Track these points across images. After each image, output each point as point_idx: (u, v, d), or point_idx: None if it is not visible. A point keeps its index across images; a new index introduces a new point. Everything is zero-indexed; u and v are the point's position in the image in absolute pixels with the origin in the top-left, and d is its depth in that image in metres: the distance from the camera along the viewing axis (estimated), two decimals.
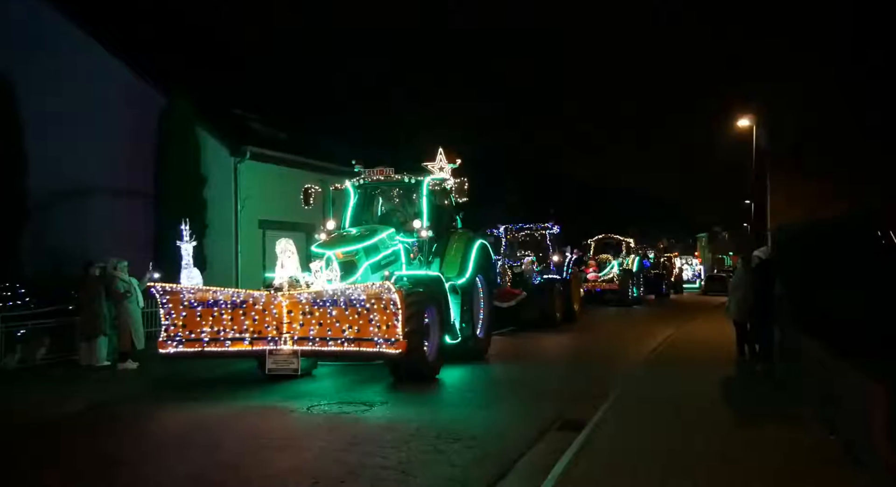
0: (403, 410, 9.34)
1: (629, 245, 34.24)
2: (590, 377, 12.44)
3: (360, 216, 13.51)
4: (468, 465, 6.88)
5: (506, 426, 8.62)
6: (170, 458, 7.38)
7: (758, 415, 9.02)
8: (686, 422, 8.44)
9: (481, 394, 10.70)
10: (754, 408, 9.58)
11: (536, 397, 10.50)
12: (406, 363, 10.40)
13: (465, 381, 11.73)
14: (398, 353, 9.52)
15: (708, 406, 9.41)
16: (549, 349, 17.37)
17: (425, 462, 6.97)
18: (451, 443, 7.63)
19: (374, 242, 11.86)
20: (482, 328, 14.40)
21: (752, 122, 31.96)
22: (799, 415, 8.70)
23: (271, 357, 9.89)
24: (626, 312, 29.14)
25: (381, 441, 7.66)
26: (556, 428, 8.45)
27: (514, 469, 6.93)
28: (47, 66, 17.34)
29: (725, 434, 7.87)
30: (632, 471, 6.47)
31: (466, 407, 9.68)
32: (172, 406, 9.66)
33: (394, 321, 9.59)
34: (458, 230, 14.09)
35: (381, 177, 13.12)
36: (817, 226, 11.50)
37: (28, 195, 16.04)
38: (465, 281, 13.24)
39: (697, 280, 57.45)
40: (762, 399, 10.19)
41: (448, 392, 10.92)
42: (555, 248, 23.27)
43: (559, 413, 9.16)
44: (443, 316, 11.89)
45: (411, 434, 7.90)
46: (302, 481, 6.43)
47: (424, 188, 13.10)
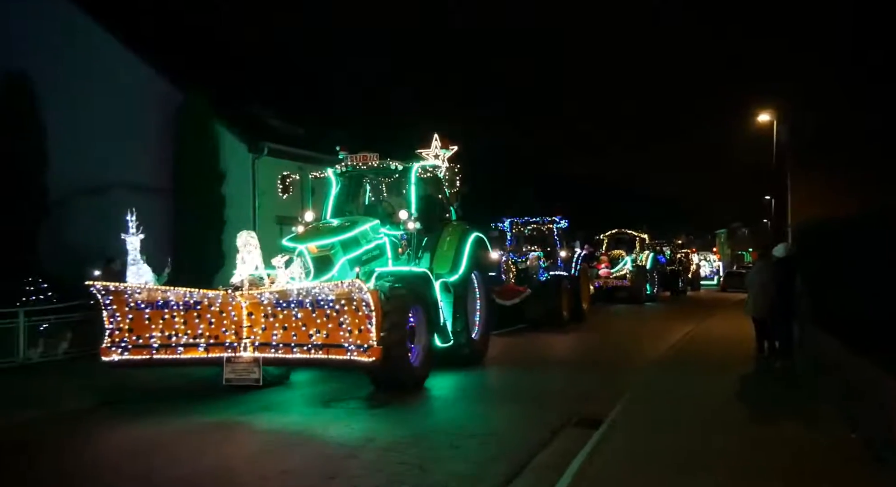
0: (373, 425, 8.25)
1: (643, 240, 32.93)
2: (595, 381, 11.34)
3: (343, 207, 12.34)
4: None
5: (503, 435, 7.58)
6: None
7: (777, 413, 8.90)
8: (703, 421, 8.28)
9: (470, 406, 9.50)
10: (773, 406, 9.44)
11: (535, 403, 9.37)
12: (383, 371, 9.26)
13: (454, 391, 10.57)
14: (371, 362, 8.32)
15: (726, 405, 9.28)
16: (554, 350, 16.21)
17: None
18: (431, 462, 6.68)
19: (354, 235, 10.69)
20: (479, 329, 13.22)
21: (772, 118, 31.38)
22: (819, 413, 8.59)
23: (229, 365, 8.69)
24: (639, 310, 28.04)
25: (353, 469, 6.58)
26: (572, 425, 8.23)
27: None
28: (67, 64, 17.53)
29: (743, 433, 7.75)
30: (647, 470, 6.35)
31: (450, 424, 8.51)
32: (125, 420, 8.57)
33: (366, 324, 8.38)
34: (453, 222, 12.90)
35: (364, 164, 11.93)
36: (837, 223, 11.27)
37: (48, 191, 16.06)
38: (458, 277, 12.06)
39: (715, 276, 56.16)
40: (781, 396, 10.03)
41: (430, 405, 9.76)
42: (562, 243, 22.01)
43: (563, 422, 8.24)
44: (431, 317, 10.73)
45: (377, 467, 6.75)
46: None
47: (413, 175, 11.92)
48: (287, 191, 11.71)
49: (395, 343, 9.41)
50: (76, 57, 17.62)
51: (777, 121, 31.20)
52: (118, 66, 17.95)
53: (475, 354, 12.66)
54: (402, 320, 9.62)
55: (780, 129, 31.04)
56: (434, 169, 12.14)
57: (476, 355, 12.69)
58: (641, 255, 31.51)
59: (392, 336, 9.36)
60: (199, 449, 7.29)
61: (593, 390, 10.44)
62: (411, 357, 10.29)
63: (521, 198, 37.79)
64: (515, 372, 12.59)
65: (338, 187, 12.29)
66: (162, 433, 7.92)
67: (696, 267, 46.91)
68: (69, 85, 17.37)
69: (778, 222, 35.91)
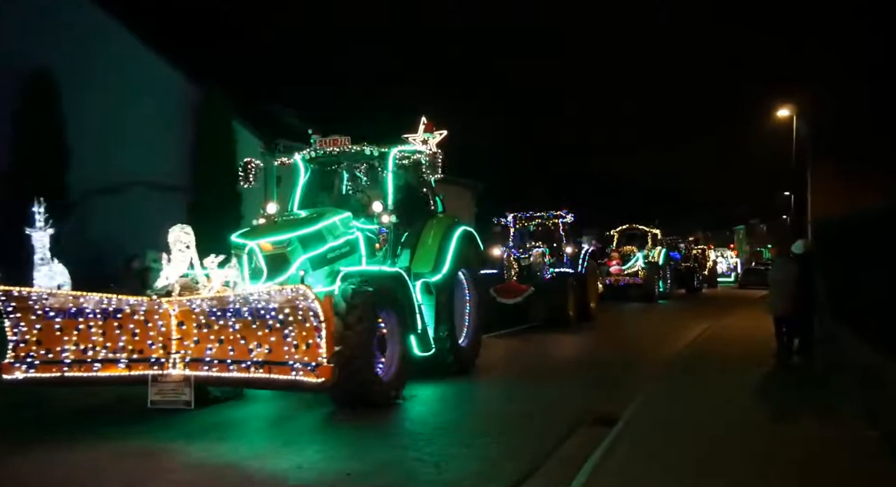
0: (331, 452, 6.92)
1: (655, 236, 31.46)
2: (597, 391, 9.98)
3: (313, 198, 10.97)
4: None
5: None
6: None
7: (796, 411, 8.86)
8: (721, 419, 8.17)
9: (444, 437, 8.04)
10: (792, 404, 9.34)
11: (520, 432, 7.95)
12: (344, 388, 7.91)
13: (428, 414, 9.09)
14: (320, 383, 6.89)
15: (744, 403, 9.20)
16: (556, 354, 14.86)
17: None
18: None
19: (317, 229, 9.30)
20: (468, 335, 11.84)
21: (791, 113, 30.84)
22: (839, 410, 8.52)
23: (155, 385, 7.26)
24: (651, 309, 26.81)
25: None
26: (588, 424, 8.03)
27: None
28: (88, 61, 17.38)
29: (762, 431, 7.67)
30: (665, 469, 6.24)
31: (422, 452, 7.13)
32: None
33: (315, 338, 6.96)
34: (438, 215, 11.49)
35: (335, 148, 10.53)
36: (858, 218, 11.12)
37: (70, 189, 15.92)
38: (441, 277, 10.67)
39: (732, 273, 54.66)
40: (801, 394, 9.95)
41: (399, 428, 8.38)
42: (569, 239, 20.55)
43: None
44: (406, 323, 9.37)
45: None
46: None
47: (390, 162, 10.51)
48: (249, 180, 10.35)
49: (358, 354, 8.09)
50: (97, 55, 17.59)
51: (796, 116, 30.62)
52: (138, 64, 18.25)
53: (462, 363, 11.27)
54: (367, 328, 8.27)
55: (800, 124, 30.53)
56: (415, 154, 10.72)
57: (463, 364, 11.30)
58: (653, 251, 30.18)
59: (355, 346, 8.05)
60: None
61: (592, 405, 9.12)
62: (381, 369, 8.95)
63: (533, 195, 36.77)
64: (505, 383, 11.17)
65: (307, 175, 10.90)
66: (69, 465, 6.59)
67: (713, 263, 45.39)
68: (90, 83, 17.28)
69: (797, 218, 35.86)
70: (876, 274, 8.93)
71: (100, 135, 17.22)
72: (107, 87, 17.63)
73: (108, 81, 17.68)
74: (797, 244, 13.38)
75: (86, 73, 17.10)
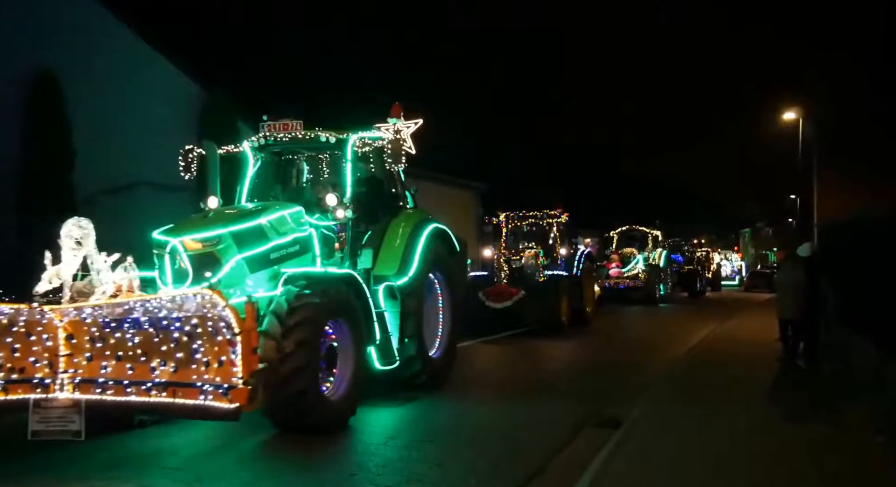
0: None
1: (656, 237, 30.21)
2: (579, 411, 8.60)
3: (263, 190, 9.71)
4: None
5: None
6: None
7: (802, 415, 8.75)
8: (728, 423, 8.10)
9: (394, 469, 6.75)
10: (798, 407, 9.26)
11: (480, 462, 6.72)
12: (280, 412, 6.75)
13: (383, 438, 7.82)
14: (233, 410, 5.64)
15: (750, 406, 9.11)
16: (542, 364, 13.65)
17: None
18: None
19: (256, 225, 8.05)
20: (441, 345, 10.60)
21: (798, 115, 30.73)
22: (845, 415, 8.45)
23: (38, 412, 5.98)
24: (652, 312, 25.76)
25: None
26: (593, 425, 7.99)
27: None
28: (95, 63, 16.92)
29: (768, 435, 7.57)
30: (671, 472, 6.16)
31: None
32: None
33: (229, 354, 5.72)
34: (406, 210, 10.25)
35: (286, 135, 9.28)
36: (864, 222, 11.13)
37: (76, 190, 15.36)
38: (408, 280, 9.44)
39: (737, 276, 53.41)
40: (806, 397, 9.92)
41: (348, 450, 7.16)
42: (563, 239, 19.27)
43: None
44: (361, 332, 8.12)
45: None
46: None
47: (349, 150, 9.25)
48: (189, 171, 9.13)
49: (298, 371, 6.89)
50: (103, 56, 17.05)
51: (803, 119, 30.50)
52: (145, 65, 17.79)
53: (434, 376, 10.01)
54: (310, 340, 7.05)
55: (807, 126, 30.33)
56: (378, 142, 9.46)
57: (434, 377, 10.04)
58: (654, 253, 28.98)
59: (292, 362, 6.87)
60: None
61: (568, 433, 7.80)
62: (332, 387, 7.73)
63: (535, 195, 35.92)
64: (477, 399, 9.87)
65: (257, 165, 9.64)
66: None
67: (717, 266, 44.14)
68: (96, 84, 16.77)
69: (803, 221, 35.27)
70: (882, 276, 8.86)
71: (105, 137, 16.88)
72: (112, 89, 17.27)
73: (114, 83, 17.32)
74: (803, 247, 13.34)
75: (91, 75, 16.75)
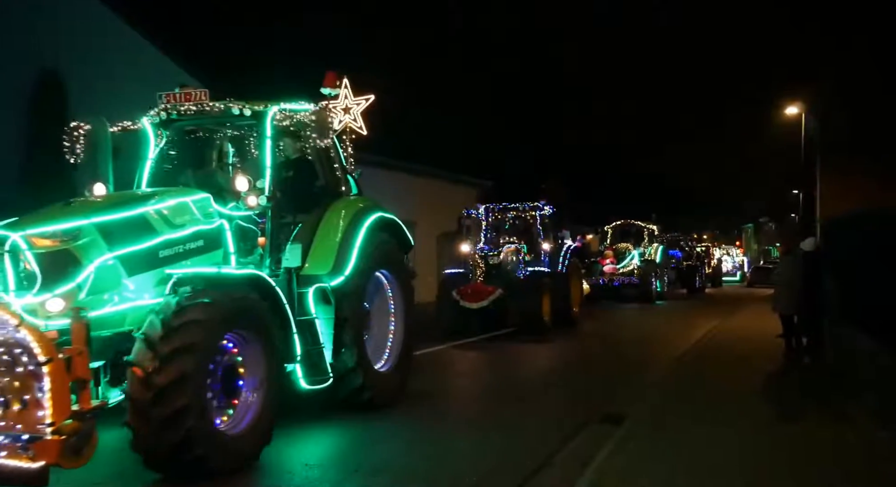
0: None
1: (651, 232, 28.74)
2: (528, 450, 7.09)
3: (171, 175, 8.17)
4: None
5: None
6: None
7: (804, 411, 8.76)
8: (730, 420, 7.97)
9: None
10: (801, 404, 9.25)
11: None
12: (160, 455, 5.31)
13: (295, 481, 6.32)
14: (36, 471, 4.11)
15: (753, 402, 9.11)
16: (521, 371, 12.16)
17: None
18: None
19: (136, 215, 6.52)
20: (390, 357, 9.09)
21: (800, 110, 30.87)
22: (847, 411, 8.41)
23: None
24: (647, 310, 24.37)
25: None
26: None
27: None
28: (100, 64, 16.63)
29: (771, 431, 7.54)
30: (671, 469, 6.07)
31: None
32: None
33: (33, 392, 4.21)
34: (347, 198, 8.72)
35: (191, 107, 7.74)
36: (868, 217, 11.29)
37: (77, 189, 14.29)
38: (343, 280, 7.94)
39: (738, 272, 51.98)
40: (809, 394, 9.89)
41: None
42: (548, 234, 17.71)
43: None
44: (274, 346, 6.60)
45: None
46: None
47: (268, 125, 7.71)
48: (74, 153, 7.63)
49: (180, 402, 5.38)
50: (108, 57, 16.80)
51: (805, 113, 30.64)
52: (149, 67, 17.29)
53: (380, 393, 8.46)
54: (191, 372, 5.56)
55: (809, 121, 30.30)
56: (304, 115, 7.93)
57: (381, 394, 8.50)
58: (650, 249, 27.51)
59: (168, 403, 5.39)
60: None
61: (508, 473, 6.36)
62: (233, 418, 6.23)
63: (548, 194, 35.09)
64: (426, 424, 8.28)
65: (160, 145, 8.11)
66: None
67: (718, 262, 42.67)
68: (101, 85, 16.10)
69: (806, 216, 34.95)
70: (885, 272, 8.84)
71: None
72: (117, 89, 16.26)
73: (116, 80, 16.51)
74: (806, 242, 13.32)
75: (97, 76, 16.20)
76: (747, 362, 12.28)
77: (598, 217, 33.28)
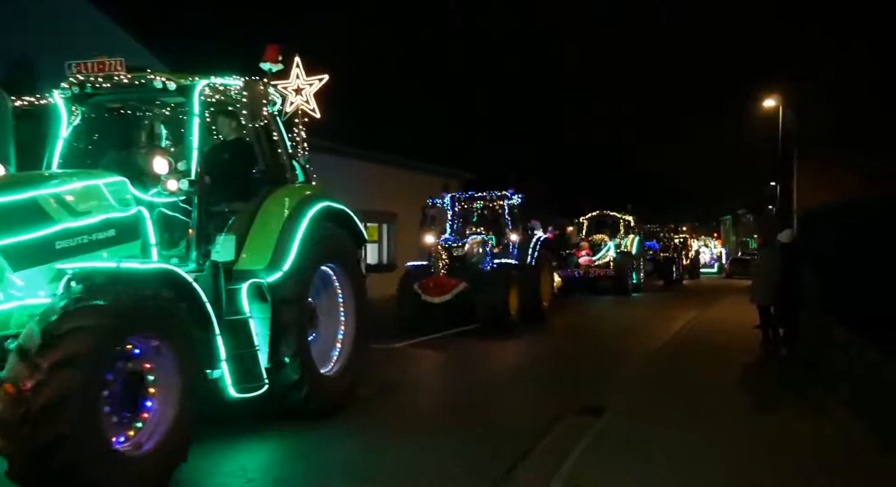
0: None
1: (628, 223, 28.17)
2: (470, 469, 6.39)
3: (88, 157, 7.31)
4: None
5: None
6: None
7: (782, 402, 8.79)
8: (708, 410, 8.00)
9: None
10: (779, 395, 9.26)
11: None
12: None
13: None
14: None
15: (731, 393, 9.16)
16: (483, 371, 11.44)
17: None
18: None
19: (26, 199, 5.67)
20: (339, 358, 8.32)
21: (777, 103, 30.97)
22: (824, 401, 8.45)
23: None
24: (622, 303, 23.85)
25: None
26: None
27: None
28: (68, 49, 15.22)
29: (748, 422, 7.61)
30: (650, 460, 6.09)
31: None
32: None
33: None
34: (291, 186, 7.92)
35: (106, 81, 6.88)
36: (845, 209, 11.32)
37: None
38: (281, 276, 7.15)
39: (716, 263, 51.73)
40: (786, 385, 9.94)
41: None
42: (516, 224, 16.95)
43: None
44: (190, 353, 5.82)
45: None
46: None
47: (195, 100, 6.87)
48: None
49: (65, 423, 4.60)
50: (78, 42, 15.48)
51: (782, 106, 30.77)
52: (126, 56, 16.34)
53: (324, 400, 7.69)
54: (85, 379, 4.75)
55: (786, 113, 30.45)
56: (239, 90, 7.08)
57: (326, 400, 7.73)
58: (626, 240, 26.96)
59: (47, 429, 4.57)
60: None
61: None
62: (140, 436, 5.47)
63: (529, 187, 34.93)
64: (367, 435, 7.53)
65: (73, 123, 7.23)
66: None
67: (696, 253, 42.29)
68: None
69: (783, 208, 35.31)
70: (860, 263, 9.04)
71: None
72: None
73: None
74: (784, 233, 13.36)
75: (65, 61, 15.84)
76: (725, 353, 12.27)
77: (578, 210, 32.97)
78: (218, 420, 6.78)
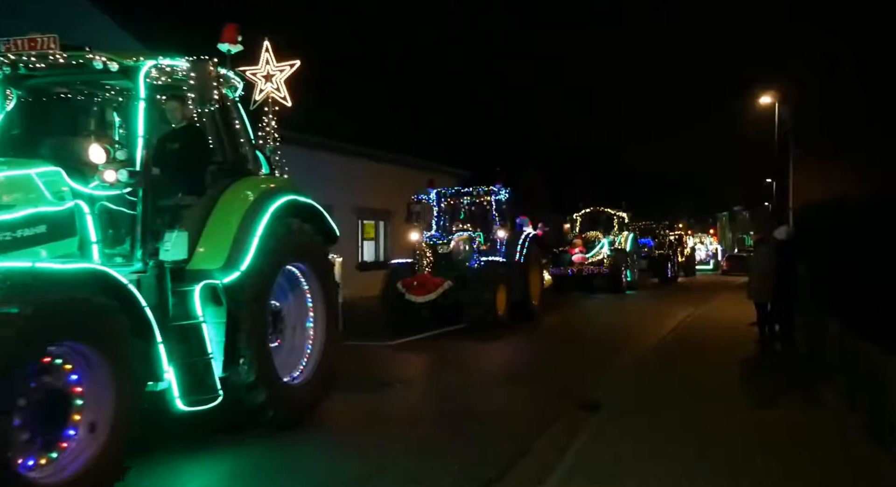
0: None
1: (622, 220, 27.58)
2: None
3: (20, 144, 6.62)
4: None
5: None
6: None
7: (777, 396, 8.77)
8: (705, 406, 7.97)
9: None
10: (774, 389, 9.24)
11: None
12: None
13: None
14: None
15: (727, 388, 9.14)
16: (469, 372, 10.79)
17: None
18: None
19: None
20: (307, 365, 7.69)
21: (774, 99, 30.83)
22: (819, 396, 8.51)
23: None
24: (615, 301, 23.16)
25: None
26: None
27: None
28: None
29: (744, 416, 7.62)
30: (649, 454, 6.13)
31: None
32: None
33: None
34: (255, 178, 7.29)
35: (41, 61, 6.21)
36: (842, 206, 11.16)
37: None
38: (239, 276, 6.52)
39: (712, 260, 51.15)
40: (782, 380, 9.87)
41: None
42: (504, 220, 16.29)
43: None
44: (126, 363, 5.21)
45: None
46: None
47: (141, 83, 6.23)
48: None
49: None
50: (72, 33, 15.44)
51: (779, 102, 30.74)
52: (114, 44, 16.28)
53: (287, 411, 7.05)
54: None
55: (783, 110, 30.43)
56: (189, 71, 6.44)
57: (290, 412, 7.08)
58: (620, 237, 26.35)
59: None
60: None
61: None
62: (64, 457, 4.86)
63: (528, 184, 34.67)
64: (335, 448, 6.94)
65: (6, 107, 6.57)
66: None
67: (691, 250, 41.69)
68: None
69: (779, 204, 35.40)
70: (856, 260, 8.99)
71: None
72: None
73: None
74: (780, 230, 13.39)
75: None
76: (721, 350, 12.20)
77: (573, 206, 32.47)
78: (165, 437, 6.17)
